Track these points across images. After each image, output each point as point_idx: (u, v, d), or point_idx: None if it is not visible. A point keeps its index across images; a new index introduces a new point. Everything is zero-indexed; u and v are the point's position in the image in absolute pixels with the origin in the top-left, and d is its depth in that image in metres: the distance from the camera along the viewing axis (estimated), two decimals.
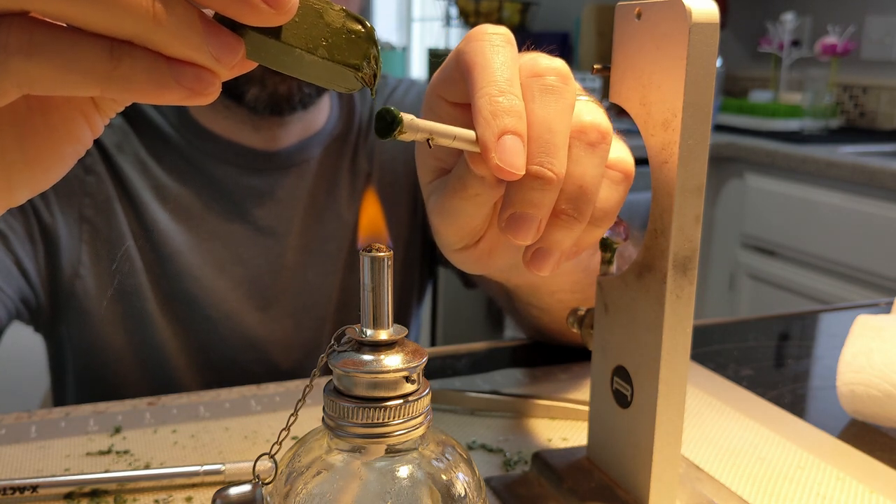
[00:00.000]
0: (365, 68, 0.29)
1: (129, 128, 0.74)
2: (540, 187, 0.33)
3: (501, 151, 0.32)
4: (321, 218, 0.79)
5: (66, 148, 0.32)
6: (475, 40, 0.36)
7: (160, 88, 0.27)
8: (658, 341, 0.38)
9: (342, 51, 0.29)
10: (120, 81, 0.27)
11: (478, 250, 0.42)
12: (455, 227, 0.39)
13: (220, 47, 0.27)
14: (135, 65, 0.26)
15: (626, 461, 0.41)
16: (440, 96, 0.39)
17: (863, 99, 2.43)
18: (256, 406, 0.57)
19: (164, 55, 0.27)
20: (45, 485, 0.44)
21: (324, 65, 0.29)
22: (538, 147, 0.33)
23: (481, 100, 0.33)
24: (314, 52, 0.28)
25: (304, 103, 0.73)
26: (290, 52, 0.28)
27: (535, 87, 0.35)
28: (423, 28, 3.07)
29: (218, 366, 0.76)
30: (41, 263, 0.70)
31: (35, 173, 0.32)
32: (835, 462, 0.50)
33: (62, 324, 0.74)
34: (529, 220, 0.34)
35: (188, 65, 0.27)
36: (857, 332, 0.56)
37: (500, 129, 0.33)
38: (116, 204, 0.72)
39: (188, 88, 0.27)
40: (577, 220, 0.35)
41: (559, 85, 0.35)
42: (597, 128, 0.35)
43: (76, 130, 0.32)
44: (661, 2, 0.36)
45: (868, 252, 1.73)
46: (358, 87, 0.30)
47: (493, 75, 0.34)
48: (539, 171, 0.33)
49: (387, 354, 0.28)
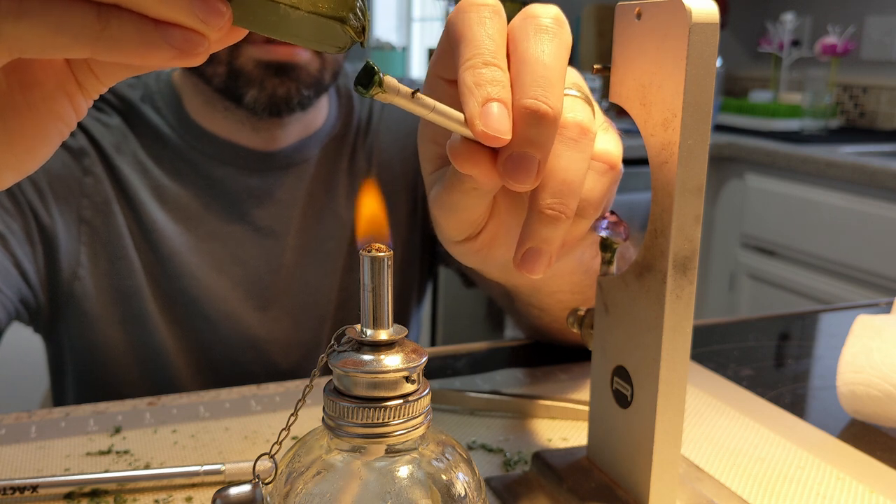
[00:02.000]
0: (351, 20, 0.29)
1: (127, 129, 0.74)
2: (536, 123, 0.32)
3: (486, 118, 0.32)
4: (320, 217, 0.79)
5: (50, 127, 0.32)
6: (463, 12, 0.36)
7: (149, 48, 0.27)
8: (658, 341, 0.38)
9: (326, 3, 0.28)
10: (109, 42, 0.27)
11: (478, 242, 0.42)
12: (455, 219, 0.39)
13: (206, 9, 0.27)
14: (123, 25, 0.27)
15: (626, 461, 0.41)
16: (438, 75, 0.39)
17: (863, 99, 2.43)
18: (256, 406, 0.57)
19: (151, 18, 0.27)
20: (45, 485, 0.44)
21: (310, 19, 0.28)
22: (532, 80, 0.33)
23: (465, 72, 0.33)
24: (299, 6, 0.28)
25: (302, 105, 0.73)
26: (275, 10, 0.28)
27: (529, 26, 0.34)
28: (423, 28, 3.07)
29: (218, 366, 0.76)
30: (40, 264, 0.70)
31: (18, 153, 0.32)
32: (835, 462, 0.50)
33: (62, 324, 0.74)
34: (528, 159, 0.33)
35: (176, 26, 0.27)
36: (857, 332, 0.56)
37: (483, 98, 0.32)
38: (115, 205, 0.72)
39: (177, 48, 0.27)
40: (562, 213, 0.34)
41: (554, 26, 0.35)
42: (578, 124, 0.35)
43: (58, 108, 0.32)
44: (661, 2, 0.36)
45: (868, 252, 1.73)
46: (346, 43, 0.29)
47: (479, 47, 0.34)
48: (534, 105, 0.32)
49: (387, 354, 0.28)
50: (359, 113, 0.83)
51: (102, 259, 0.72)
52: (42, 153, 0.33)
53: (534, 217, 0.34)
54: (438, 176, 0.40)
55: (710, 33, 0.35)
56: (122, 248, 0.72)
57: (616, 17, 0.39)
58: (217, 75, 0.70)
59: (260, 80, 0.69)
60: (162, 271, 0.74)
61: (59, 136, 0.33)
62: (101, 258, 0.72)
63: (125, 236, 0.72)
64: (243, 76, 0.69)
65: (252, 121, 0.74)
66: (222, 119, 0.74)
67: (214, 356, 0.76)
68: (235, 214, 0.75)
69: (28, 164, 0.33)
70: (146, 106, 0.75)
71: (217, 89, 0.71)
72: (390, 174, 0.81)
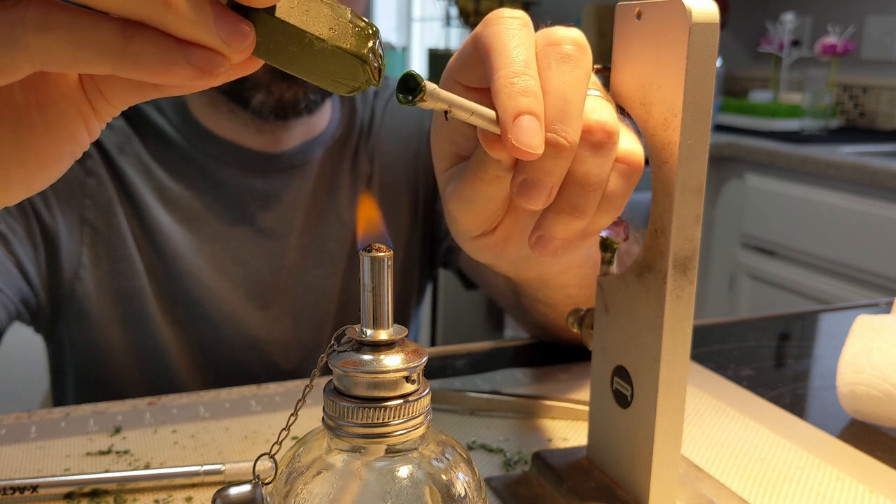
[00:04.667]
0: (371, 60, 0.29)
1: (130, 130, 0.74)
2: (553, 155, 0.34)
3: (518, 131, 0.33)
4: (322, 219, 0.79)
5: (63, 146, 0.32)
6: (493, 24, 0.36)
7: (170, 66, 0.27)
8: (658, 341, 0.38)
9: (350, 40, 0.29)
10: (131, 58, 0.27)
11: (494, 238, 0.42)
12: (473, 212, 0.40)
13: (229, 31, 0.27)
14: (146, 43, 0.27)
15: (626, 461, 0.41)
16: (457, 81, 0.39)
17: (863, 99, 2.43)
18: (256, 406, 0.57)
19: (174, 37, 0.27)
20: (45, 485, 0.44)
21: (332, 53, 0.29)
22: (552, 115, 0.34)
23: (499, 81, 0.34)
24: (323, 38, 0.28)
25: (309, 109, 0.73)
26: (298, 38, 0.28)
27: (551, 55, 0.35)
28: (423, 28, 3.07)
29: (218, 366, 0.76)
30: (42, 265, 0.70)
31: (31, 171, 0.32)
32: (835, 462, 0.50)
33: (62, 325, 0.74)
34: (541, 186, 0.34)
35: (198, 46, 0.27)
36: (857, 332, 0.56)
37: (516, 110, 0.33)
38: (117, 206, 0.72)
39: (198, 68, 0.28)
40: (580, 217, 0.35)
41: (575, 54, 0.35)
42: (603, 127, 0.35)
43: (73, 129, 0.32)
44: (661, 2, 0.36)
45: (868, 252, 1.73)
46: (363, 84, 0.30)
47: (510, 57, 0.34)
48: (553, 139, 0.33)
49: (387, 354, 0.28)
50: (361, 116, 0.83)
51: (104, 260, 0.72)
52: (53, 172, 0.33)
53: (552, 214, 0.35)
54: (453, 173, 0.41)
55: (710, 33, 0.35)
56: (124, 249, 0.72)
57: (616, 17, 0.39)
58: None
59: (267, 85, 0.69)
60: (164, 272, 0.74)
61: (71, 156, 0.33)
62: (103, 259, 0.72)
63: (127, 237, 0.72)
64: (251, 80, 0.69)
65: (257, 123, 0.74)
66: (227, 121, 0.74)
67: (215, 356, 0.76)
68: (238, 216, 0.75)
69: (38, 182, 0.33)
70: (150, 107, 0.75)
71: (223, 92, 0.71)
72: (392, 176, 0.81)
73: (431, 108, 0.32)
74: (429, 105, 0.31)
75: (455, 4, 2.62)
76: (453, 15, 2.64)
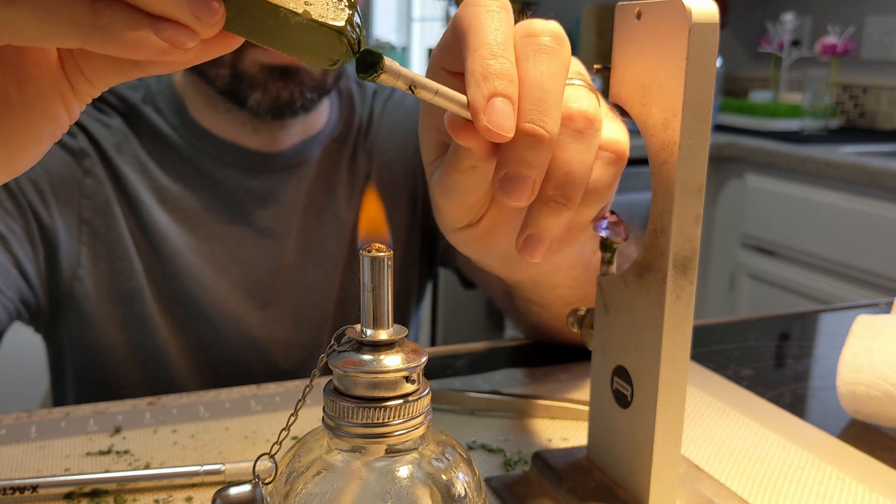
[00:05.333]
0: (349, 32, 0.29)
1: (128, 129, 0.74)
2: (532, 145, 0.33)
3: (490, 113, 0.32)
4: (320, 218, 0.79)
5: (43, 126, 0.32)
6: (471, 5, 0.36)
7: (139, 41, 0.28)
8: (658, 341, 0.38)
9: (326, 12, 0.28)
10: (100, 32, 0.27)
11: (479, 229, 0.42)
12: (455, 203, 0.39)
13: (198, 5, 0.27)
14: (115, 17, 0.27)
15: (626, 461, 0.41)
16: (441, 66, 0.39)
17: (863, 99, 2.43)
18: (256, 406, 0.57)
19: (144, 12, 0.27)
20: (45, 485, 0.44)
21: (308, 27, 0.28)
22: (531, 105, 0.33)
23: (473, 63, 0.33)
24: (297, 12, 0.28)
25: (306, 108, 0.73)
26: (272, 14, 0.28)
27: (528, 46, 0.35)
28: (423, 28, 3.07)
29: (218, 366, 0.76)
30: (41, 265, 0.70)
31: (11, 151, 0.32)
32: (835, 462, 0.50)
33: (62, 325, 0.74)
34: (523, 179, 0.33)
35: (168, 20, 0.28)
36: (857, 332, 0.56)
37: (489, 92, 0.32)
38: (116, 206, 0.72)
39: (167, 41, 0.28)
40: (565, 206, 0.35)
41: (553, 45, 0.35)
42: (584, 114, 0.35)
43: (52, 108, 0.32)
44: (661, 2, 0.36)
45: (868, 252, 1.73)
46: (342, 56, 0.29)
47: (487, 38, 0.34)
48: (531, 129, 0.33)
49: (387, 354, 0.28)
50: (360, 114, 0.83)
51: (103, 260, 0.72)
52: (33, 153, 0.33)
53: (538, 205, 0.35)
54: (440, 163, 0.41)
55: (710, 33, 0.35)
56: (122, 248, 0.72)
57: (616, 17, 0.39)
58: (220, 77, 0.70)
59: (264, 84, 0.69)
60: (162, 272, 0.73)
61: (51, 136, 0.33)
62: (102, 259, 0.72)
63: (126, 237, 0.72)
64: (247, 79, 0.69)
65: (254, 122, 0.74)
66: (224, 120, 0.74)
67: (215, 356, 0.76)
68: (236, 215, 0.75)
69: (19, 163, 0.33)
70: (147, 107, 0.75)
71: (220, 91, 0.71)
72: (391, 175, 0.81)
73: (392, 84, 0.31)
74: (388, 81, 0.30)
75: (455, 4, 2.62)
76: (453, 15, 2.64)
